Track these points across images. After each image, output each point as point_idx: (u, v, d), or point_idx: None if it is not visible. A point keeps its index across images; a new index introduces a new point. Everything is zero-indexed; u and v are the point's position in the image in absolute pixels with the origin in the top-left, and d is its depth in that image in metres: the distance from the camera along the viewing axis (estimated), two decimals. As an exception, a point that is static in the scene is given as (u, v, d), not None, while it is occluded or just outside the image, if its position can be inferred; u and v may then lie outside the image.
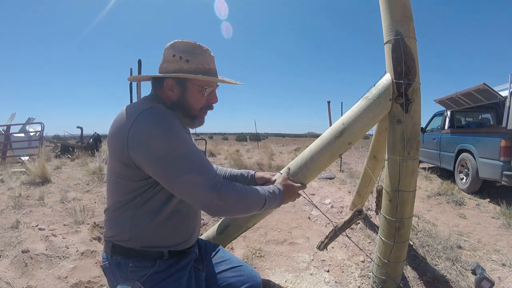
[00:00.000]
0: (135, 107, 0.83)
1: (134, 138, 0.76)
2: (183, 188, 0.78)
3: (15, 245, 1.95)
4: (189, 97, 0.89)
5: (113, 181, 0.86)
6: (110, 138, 0.83)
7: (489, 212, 3.23)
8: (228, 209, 0.84)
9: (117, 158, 0.81)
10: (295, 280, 1.69)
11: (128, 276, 0.84)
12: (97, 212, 2.74)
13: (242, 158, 6.68)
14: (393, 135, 1.29)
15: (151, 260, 0.87)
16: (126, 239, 0.86)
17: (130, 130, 0.77)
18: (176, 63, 0.86)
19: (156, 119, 0.78)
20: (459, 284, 1.63)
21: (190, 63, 0.86)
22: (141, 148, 0.76)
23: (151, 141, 0.76)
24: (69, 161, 6.58)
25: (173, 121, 0.80)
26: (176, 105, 0.90)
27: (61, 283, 1.55)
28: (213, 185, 0.78)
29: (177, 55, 0.86)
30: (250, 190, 0.88)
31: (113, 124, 0.85)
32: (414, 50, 1.25)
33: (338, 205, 3.24)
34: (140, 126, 0.77)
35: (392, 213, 1.32)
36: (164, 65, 0.89)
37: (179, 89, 0.88)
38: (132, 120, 0.78)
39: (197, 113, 0.93)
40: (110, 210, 0.89)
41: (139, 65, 5.26)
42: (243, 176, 1.23)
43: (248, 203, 0.87)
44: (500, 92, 3.84)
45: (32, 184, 3.89)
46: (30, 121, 9.14)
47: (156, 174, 0.79)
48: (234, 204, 0.83)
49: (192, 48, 0.88)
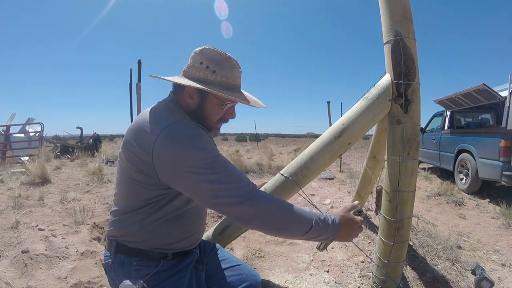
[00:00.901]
0: (159, 118, 0.80)
1: (161, 154, 0.74)
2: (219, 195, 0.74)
3: (15, 245, 1.95)
4: (207, 108, 0.87)
5: (127, 186, 0.84)
6: (130, 145, 0.80)
7: (489, 212, 3.23)
8: (262, 223, 0.75)
9: (136, 166, 0.79)
10: (295, 281, 1.69)
11: (132, 274, 0.85)
12: (97, 212, 2.74)
13: (242, 159, 6.68)
14: (392, 135, 1.29)
15: (155, 260, 0.88)
16: (132, 241, 0.86)
17: (155, 145, 0.74)
18: (202, 72, 0.84)
19: (183, 135, 0.76)
20: (459, 284, 1.63)
21: (216, 74, 0.83)
22: (169, 165, 0.75)
23: (180, 158, 0.74)
24: (69, 161, 6.58)
25: (199, 134, 0.79)
26: (193, 113, 0.88)
27: (61, 284, 1.55)
28: (250, 190, 0.75)
29: (205, 63, 0.83)
30: (293, 208, 0.78)
31: (133, 131, 0.82)
32: (414, 50, 1.26)
33: (338, 206, 3.24)
34: (167, 143, 0.74)
35: (391, 213, 1.32)
36: (189, 69, 0.86)
37: (198, 98, 0.86)
38: (156, 134, 0.75)
39: (213, 124, 0.91)
40: (119, 212, 0.88)
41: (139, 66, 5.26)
42: None
43: (287, 222, 0.76)
44: (500, 92, 3.84)
45: (32, 184, 3.89)
46: (30, 121, 9.14)
47: (187, 190, 0.77)
48: (268, 217, 0.75)
49: (220, 59, 0.84)
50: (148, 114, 0.83)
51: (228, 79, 0.85)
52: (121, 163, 0.85)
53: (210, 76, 0.83)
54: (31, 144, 8.45)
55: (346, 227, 0.83)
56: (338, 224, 0.81)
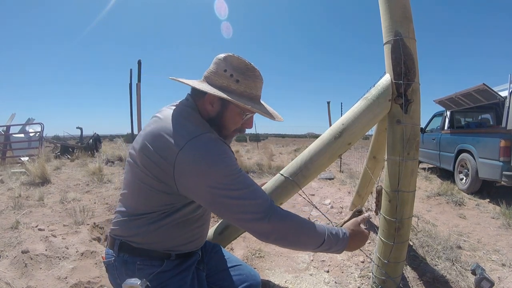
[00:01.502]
0: (183, 127, 0.79)
1: (185, 168, 0.74)
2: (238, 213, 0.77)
3: (15, 245, 1.95)
4: (227, 117, 0.87)
5: (139, 190, 0.83)
6: (147, 151, 0.78)
7: (489, 212, 3.23)
8: (278, 238, 0.79)
9: (153, 173, 0.78)
10: (295, 281, 1.70)
11: (135, 273, 0.85)
12: (97, 212, 2.74)
13: (242, 159, 6.68)
14: (392, 135, 1.29)
15: (158, 259, 0.88)
16: (137, 242, 0.86)
17: (178, 157, 0.74)
18: (225, 80, 0.82)
19: (208, 151, 0.75)
20: (459, 284, 1.63)
21: (239, 84, 0.83)
22: (192, 179, 0.75)
23: (204, 175, 0.73)
24: (69, 161, 6.58)
25: (224, 149, 0.78)
26: (212, 120, 0.87)
27: (61, 284, 1.55)
28: (269, 206, 0.77)
29: (229, 72, 0.82)
30: (307, 224, 0.82)
31: (152, 136, 0.80)
32: (414, 50, 1.26)
33: (337, 206, 3.24)
34: (192, 157, 0.74)
35: (391, 213, 1.32)
36: (212, 76, 0.84)
37: (219, 106, 0.85)
38: (180, 146, 0.74)
39: (230, 133, 0.91)
40: (126, 214, 0.87)
41: (139, 66, 5.27)
42: None
43: (302, 237, 0.81)
44: (500, 92, 3.84)
45: (32, 184, 3.89)
46: (30, 121, 9.14)
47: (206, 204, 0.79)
48: (284, 233, 0.79)
49: (245, 69, 0.84)
50: (169, 120, 0.81)
51: (250, 90, 0.85)
52: (134, 166, 0.83)
53: (233, 85, 0.82)
54: (31, 144, 8.44)
55: (356, 240, 0.88)
56: (348, 238, 0.86)
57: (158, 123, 0.82)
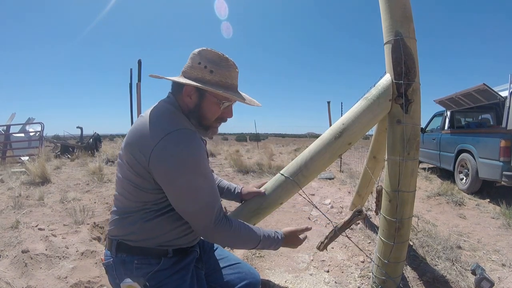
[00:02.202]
0: (160, 123, 0.83)
1: (158, 160, 0.78)
2: (188, 213, 0.85)
3: (15, 245, 1.95)
4: (205, 107, 0.90)
5: (127, 188, 0.86)
6: (130, 148, 0.83)
7: (489, 212, 3.23)
8: (220, 242, 0.96)
9: (134, 169, 0.82)
10: (295, 280, 1.70)
11: (133, 272, 0.85)
12: (97, 212, 2.75)
13: (242, 159, 6.68)
14: (393, 135, 1.29)
15: (156, 257, 0.89)
16: (133, 240, 0.87)
17: (153, 150, 0.77)
18: (200, 71, 0.86)
19: (182, 146, 0.79)
20: (459, 284, 1.63)
21: (213, 74, 0.86)
22: (162, 171, 0.79)
23: (174, 169, 0.78)
24: (69, 161, 6.58)
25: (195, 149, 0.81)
26: (192, 112, 0.90)
27: (61, 283, 1.55)
28: (215, 219, 0.84)
29: (203, 64, 0.86)
30: (245, 232, 0.92)
31: (134, 133, 0.84)
32: (414, 50, 1.26)
33: (338, 206, 3.24)
34: (166, 151, 0.78)
35: (392, 213, 1.32)
36: (188, 70, 0.88)
37: (197, 97, 0.88)
38: (157, 140, 0.78)
39: (211, 123, 0.93)
40: (120, 213, 0.89)
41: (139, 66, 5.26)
42: (229, 190, 1.26)
43: (239, 242, 0.94)
44: (500, 93, 3.84)
45: (32, 184, 3.89)
46: (30, 121, 9.14)
47: (169, 195, 0.83)
48: (225, 240, 0.92)
49: (218, 60, 0.87)
50: (148, 117, 0.85)
51: (225, 79, 0.88)
52: (122, 165, 0.87)
53: (207, 75, 0.86)
54: (31, 144, 8.44)
55: (289, 241, 1.04)
56: (283, 239, 1.01)
57: (140, 121, 0.86)
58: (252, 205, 1.29)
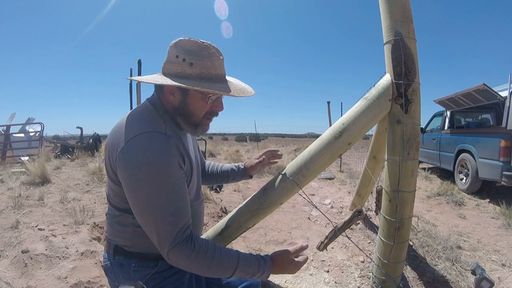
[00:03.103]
0: (131, 125, 0.77)
1: (119, 164, 0.73)
2: (144, 228, 0.75)
3: (15, 245, 1.95)
4: (190, 104, 0.81)
5: (112, 194, 0.84)
6: (107, 150, 0.79)
7: (489, 212, 3.23)
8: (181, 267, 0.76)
9: (109, 175, 0.80)
10: (295, 281, 1.70)
11: (131, 275, 0.84)
12: (97, 212, 2.74)
13: (242, 159, 6.68)
14: (392, 135, 1.29)
15: (153, 260, 0.87)
16: (128, 245, 0.86)
17: (118, 153, 0.73)
18: (178, 66, 0.77)
19: (146, 150, 0.71)
20: (459, 284, 1.63)
21: (193, 66, 0.76)
22: (122, 176, 0.74)
23: (132, 175, 0.71)
24: (69, 161, 6.58)
25: (164, 158, 0.73)
26: (177, 110, 0.83)
27: (61, 283, 1.55)
28: (173, 240, 0.72)
29: (181, 57, 0.77)
30: (214, 258, 0.76)
31: (111, 135, 0.80)
32: (414, 50, 1.25)
33: (338, 206, 3.24)
34: (128, 154, 0.71)
35: (391, 213, 1.32)
36: (166, 65, 0.80)
37: (180, 94, 0.80)
38: (123, 143, 0.73)
39: (200, 120, 0.85)
40: (110, 216, 0.88)
41: (139, 66, 5.26)
42: (234, 171, 1.23)
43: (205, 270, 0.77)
44: (500, 93, 3.84)
45: (32, 184, 3.89)
46: (30, 121, 9.14)
47: (130, 202, 0.76)
48: (187, 266, 0.76)
49: (198, 49, 0.77)
50: (126, 118, 0.80)
51: (208, 70, 0.78)
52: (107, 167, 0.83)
53: (187, 69, 0.77)
54: (31, 144, 8.45)
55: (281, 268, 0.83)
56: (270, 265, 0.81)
57: (119, 121, 0.82)
58: (252, 205, 1.29)
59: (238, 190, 4.02)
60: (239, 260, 0.78)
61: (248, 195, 1.77)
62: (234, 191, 3.82)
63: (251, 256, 0.80)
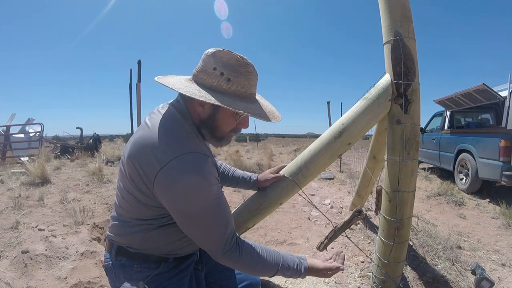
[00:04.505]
0: (169, 141, 0.74)
1: (162, 186, 0.72)
2: (195, 239, 0.80)
3: (15, 245, 1.95)
4: (219, 119, 0.80)
5: (128, 200, 0.81)
6: (133, 162, 0.75)
7: (489, 212, 3.23)
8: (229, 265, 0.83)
9: (137, 185, 0.77)
10: (295, 281, 1.69)
11: (133, 276, 0.84)
12: (97, 212, 2.74)
13: (242, 159, 6.68)
14: (392, 135, 1.29)
15: (156, 262, 0.87)
16: (134, 247, 0.85)
17: (158, 174, 0.71)
18: (215, 79, 0.75)
19: (190, 173, 0.71)
20: (459, 284, 1.63)
21: (231, 83, 0.75)
22: (166, 197, 0.74)
23: (179, 197, 0.72)
24: (69, 161, 6.58)
25: (204, 176, 0.73)
26: (204, 123, 0.81)
27: (61, 284, 1.55)
28: (223, 248, 0.78)
29: (219, 69, 0.74)
30: (259, 262, 0.82)
31: (138, 146, 0.76)
32: (414, 50, 1.26)
33: (337, 206, 3.24)
34: (171, 177, 0.71)
35: (391, 213, 1.32)
36: (201, 75, 0.77)
37: (210, 108, 0.78)
38: (163, 163, 0.71)
39: (225, 135, 0.85)
40: (121, 220, 0.86)
41: (138, 66, 5.27)
42: (244, 180, 1.21)
43: (250, 271, 0.87)
44: (500, 92, 3.84)
45: (32, 184, 3.89)
46: (29, 121, 9.14)
47: (175, 219, 0.78)
48: (235, 267, 0.84)
49: (237, 65, 0.75)
50: (156, 130, 0.76)
51: (244, 88, 0.77)
52: (124, 175, 0.81)
53: (224, 84, 0.75)
54: (31, 144, 8.44)
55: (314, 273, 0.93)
56: (307, 271, 0.91)
57: (145, 131, 0.78)
58: (251, 205, 1.29)
59: (238, 190, 4.02)
60: (280, 266, 0.86)
61: (248, 195, 1.77)
62: (234, 191, 3.82)
63: (292, 261, 0.89)
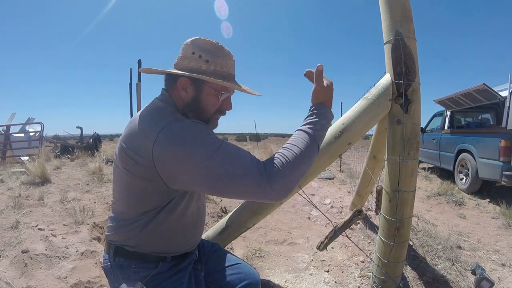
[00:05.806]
0: (152, 121, 0.76)
1: (163, 159, 0.71)
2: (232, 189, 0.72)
3: (15, 245, 1.95)
4: (203, 100, 0.83)
5: (127, 195, 0.82)
6: (126, 153, 0.76)
7: (489, 212, 3.23)
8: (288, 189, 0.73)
9: (135, 173, 0.76)
10: (295, 280, 1.69)
11: (131, 276, 0.84)
12: (97, 212, 2.74)
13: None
14: (392, 135, 1.29)
15: (154, 262, 0.88)
16: (132, 245, 0.86)
17: (154, 150, 0.70)
18: (194, 62, 0.80)
19: (181, 135, 0.72)
20: (459, 284, 1.63)
21: (209, 63, 0.80)
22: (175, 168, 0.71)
23: (184, 160, 0.70)
24: (69, 161, 6.58)
25: (197, 130, 0.74)
26: (188, 106, 0.83)
27: (61, 283, 1.55)
28: (264, 173, 0.71)
29: (197, 53, 0.80)
30: (296, 153, 0.75)
31: (127, 137, 0.78)
32: (414, 50, 1.25)
33: (338, 205, 3.24)
34: (167, 146, 0.70)
35: (392, 213, 1.32)
36: (181, 61, 0.82)
37: (193, 89, 0.82)
38: (154, 139, 0.71)
39: (211, 116, 0.87)
40: (119, 219, 0.87)
41: (139, 65, 5.27)
42: None
43: (302, 166, 0.76)
44: (500, 92, 3.84)
45: (32, 184, 3.89)
46: (30, 121, 9.14)
47: (197, 185, 0.74)
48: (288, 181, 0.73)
49: (213, 48, 0.82)
50: (139, 118, 0.79)
51: (222, 68, 0.82)
52: (118, 171, 0.82)
53: (203, 65, 0.80)
54: (31, 144, 8.45)
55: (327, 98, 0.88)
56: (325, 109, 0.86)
57: (131, 123, 0.80)
58: (252, 205, 1.29)
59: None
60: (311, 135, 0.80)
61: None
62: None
63: (310, 120, 0.83)
